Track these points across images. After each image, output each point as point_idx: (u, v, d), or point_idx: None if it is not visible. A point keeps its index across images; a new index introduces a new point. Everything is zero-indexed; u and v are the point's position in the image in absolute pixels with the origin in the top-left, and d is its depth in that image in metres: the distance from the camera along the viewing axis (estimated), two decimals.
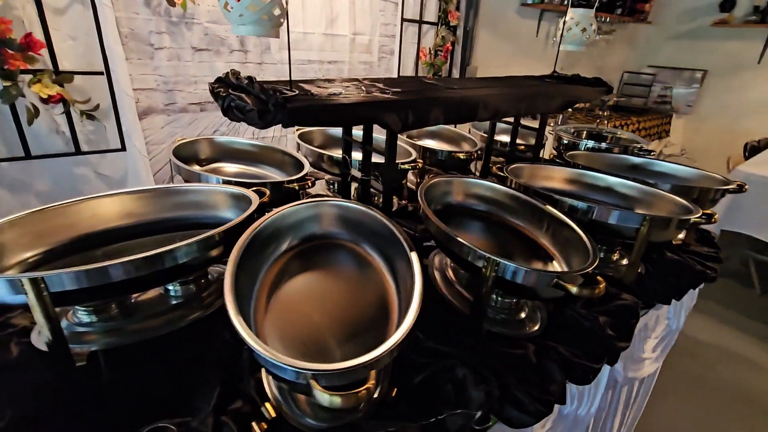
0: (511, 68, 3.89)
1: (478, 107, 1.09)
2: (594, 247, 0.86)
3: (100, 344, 0.80)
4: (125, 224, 0.95)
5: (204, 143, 1.40)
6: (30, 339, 0.81)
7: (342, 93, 0.91)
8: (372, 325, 0.75)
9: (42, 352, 0.78)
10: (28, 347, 0.79)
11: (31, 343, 0.80)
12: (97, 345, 0.79)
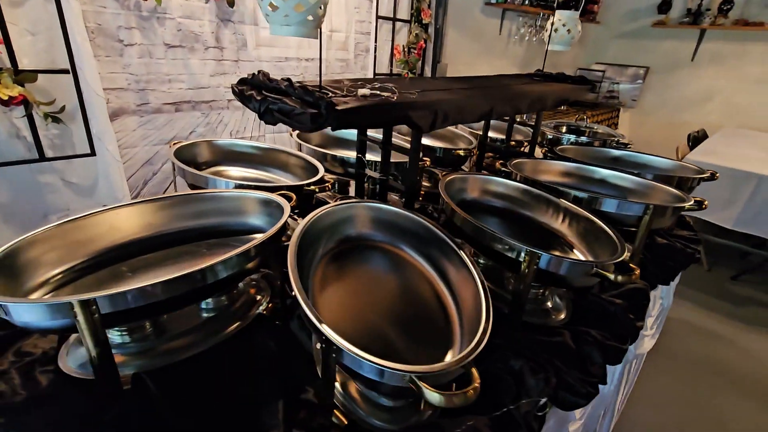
0: (478, 66, 4.02)
1: (497, 106, 1.13)
2: (618, 236, 0.92)
3: (138, 366, 0.75)
4: (147, 235, 0.89)
5: (203, 146, 1.33)
6: (57, 365, 0.74)
7: (374, 94, 0.90)
8: (431, 324, 0.77)
9: (75, 378, 0.72)
10: (57, 375, 0.73)
11: (59, 370, 0.74)
12: (133, 367, 0.74)
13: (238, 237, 0.96)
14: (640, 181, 1.33)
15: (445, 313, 0.78)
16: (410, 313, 0.80)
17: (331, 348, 0.57)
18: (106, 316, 0.62)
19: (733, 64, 4.43)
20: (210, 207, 0.95)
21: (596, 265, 0.81)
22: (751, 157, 3.04)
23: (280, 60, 2.45)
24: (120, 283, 0.80)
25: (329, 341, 0.56)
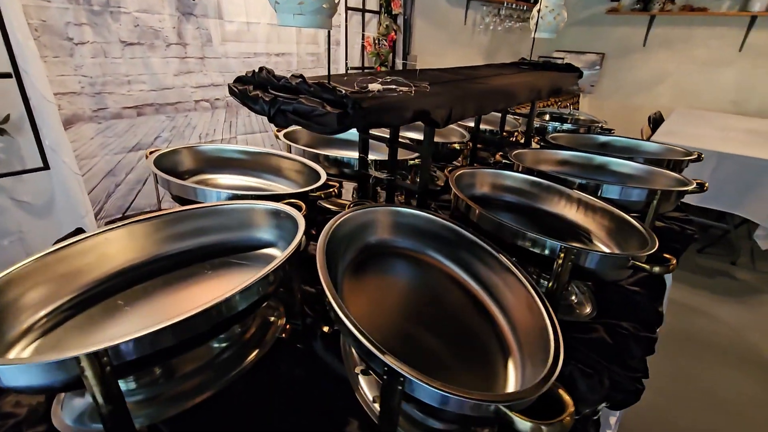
0: (445, 56, 4.00)
1: (505, 97, 1.08)
2: (645, 226, 0.91)
3: (149, 416, 0.64)
4: (142, 260, 0.78)
5: (184, 153, 1.20)
6: (51, 424, 0.62)
7: (388, 89, 0.83)
8: (477, 335, 0.71)
9: None
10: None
11: (54, 430, 0.62)
12: (143, 418, 0.64)
13: (243, 254, 0.86)
14: (638, 166, 1.34)
15: (490, 322, 0.73)
16: (452, 324, 0.74)
17: (396, 380, 0.50)
18: (118, 367, 0.52)
19: (680, 48, 4.68)
20: (210, 223, 0.84)
21: (632, 258, 0.79)
22: (707, 136, 3.21)
23: (249, 56, 2.30)
24: (118, 321, 0.69)
25: (395, 372, 0.49)
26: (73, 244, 0.70)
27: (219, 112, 2.27)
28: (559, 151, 1.43)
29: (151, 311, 0.72)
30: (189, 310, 0.55)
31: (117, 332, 0.65)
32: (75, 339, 0.64)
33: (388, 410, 0.53)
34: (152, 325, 0.52)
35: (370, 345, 0.51)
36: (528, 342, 0.64)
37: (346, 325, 0.54)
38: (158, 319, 0.64)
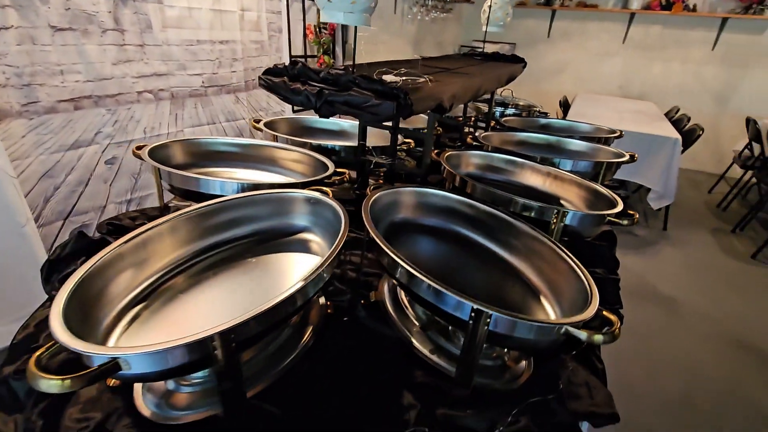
0: (379, 45, 4.10)
1: (484, 85, 1.22)
2: (610, 192, 1.12)
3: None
4: (189, 253, 0.78)
5: (176, 147, 1.17)
6: (137, 415, 0.63)
7: (405, 81, 0.92)
8: (510, 284, 0.85)
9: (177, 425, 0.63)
10: (143, 426, 0.62)
11: (143, 418, 0.63)
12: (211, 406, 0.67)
13: (277, 241, 0.90)
14: (583, 143, 1.59)
15: (516, 274, 0.87)
16: (487, 279, 0.87)
17: (484, 319, 0.61)
18: (238, 345, 0.56)
19: (577, 40, 5.32)
20: (247, 212, 0.87)
21: (607, 216, 0.99)
22: (606, 116, 3.76)
23: (192, 43, 2.18)
24: (184, 309, 0.70)
25: (482, 312, 0.60)
26: (128, 242, 0.69)
27: (164, 104, 2.13)
28: (518, 133, 1.63)
29: (210, 300, 0.74)
30: (283, 291, 0.59)
31: (189, 320, 0.68)
32: (158, 327, 0.65)
33: (473, 348, 0.64)
34: (257, 305, 0.56)
35: (453, 293, 0.62)
36: (555, 282, 0.79)
37: (423, 280, 0.64)
38: (218, 307, 0.68)
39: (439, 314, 0.72)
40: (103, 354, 0.48)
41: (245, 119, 2.61)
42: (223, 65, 2.37)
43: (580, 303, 0.70)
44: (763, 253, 3.15)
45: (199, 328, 0.63)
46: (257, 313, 0.55)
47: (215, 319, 0.52)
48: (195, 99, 2.28)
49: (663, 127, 3.51)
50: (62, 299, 0.55)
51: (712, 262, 3.09)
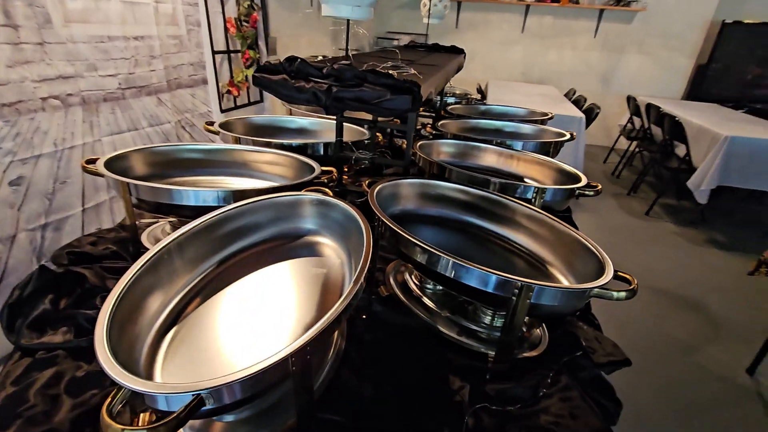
0: (300, 39, 3.98)
1: (446, 75, 1.27)
2: (571, 168, 1.24)
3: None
4: (209, 263, 0.71)
5: (135, 157, 1.04)
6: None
7: (400, 73, 0.92)
8: (516, 258, 0.91)
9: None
10: None
11: None
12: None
13: (287, 246, 0.86)
14: (536, 127, 1.74)
15: (520, 248, 0.94)
16: (495, 256, 0.92)
17: (527, 292, 0.66)
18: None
19: (483, 30, 5.70)
20: (249, 221, 0.81)
21: (578, 189, 1.11)
22: (520, 101, 4.10)
23: (102, 40, 1.92)
24: (218, 316, 0.64)
25: (526, 286, 0.65)
26: (153, 257, 0.61)
27: (74, 110, 1.85)
28: (468, 120, 1.72)
29: (238, 314, 0.69)
30: (339, 299, 0.58)
31: (229, 327, 0.63)
32: (195, 353, 0.59)
33: (516, 321, 0.68)
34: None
35: (492, 272, 0.65)
36: (559, 251, 0.87)
37: (464, 265, 0.67)
38: (252, 322, 0.65)
39: (474, 295, 0.76)
40: (185, 393, 0.43)
41: (171, 123, 2.38)
42: (140, 64, 2.12)
43: (591, 267, 0.78)
44: (654, 210, 3.73)
45: (241, 348, 0.60)
46: (326, 324, 0.53)
47: (253, 337, 0.49)
48: (111, 103, 2.01)
49: (567, 107, 3.94)
50: (103, 340, 0.47)
51: (617, 222, 3.57)
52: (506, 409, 0.68)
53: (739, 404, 1.83)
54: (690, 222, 3.58)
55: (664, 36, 5.14)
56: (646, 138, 4.40)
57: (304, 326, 0.67)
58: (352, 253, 0.79)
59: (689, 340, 2.21)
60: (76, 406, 0.63)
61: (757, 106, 4.83)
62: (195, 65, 2.54)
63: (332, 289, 0.76)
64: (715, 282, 2.74)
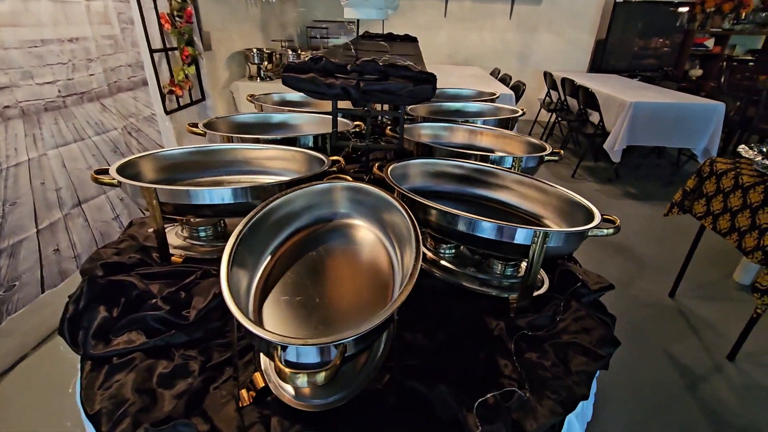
0: (231, 32, 3.84)
1: (418, 61, 1.40)
2: (537, 140, 1.44)
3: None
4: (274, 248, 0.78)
5: (143, 164, 1.04)
6: (279, 402, 0.66)
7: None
8: (513, 214, 1.08)
9: None
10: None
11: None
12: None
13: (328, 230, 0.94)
14: (492, 105, 1.93)
15: (515, 207, 1.11)
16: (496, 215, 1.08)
17: (543, 238, 0.82)
18: None
19: (410, 16, 5.88)
20: (290, 210, 0.88)
21: (543, 155, 1.31)
22: (453, 82, 4.36)
23: (35, 44, 1.76)
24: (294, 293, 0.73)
25: (546, 233, 0.81)
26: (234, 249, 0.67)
27: (14, 124, 1.69)
28: (432, 103, 1.87)
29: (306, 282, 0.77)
30: (399, 268, 0.70)
31: (307, 298, 0.72)
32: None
33: (536, 262, 0.84)
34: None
35: (518, 225, 0.81)
36: (548, 206, 1.05)
37: (484, 221, 0.81)
38: (320, 286, 0.75)
39: (499, 248, 0.91)
40: (338, 341, 0.52)
41: (117, 129, 2.24)
42: (78, 68, 1.97)
43: (579, 215, 0.97)
44: (578, 173, 4.23)
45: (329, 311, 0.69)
46: (408, 289, 0.64)
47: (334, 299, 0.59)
48: (53, 113, 1.86)
49: (496, 86, 4.27)
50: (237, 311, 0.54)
51: None
52: (537, 334, 0.85)
53: (666, 322, 2.24)
54: (608, 179, 4.12)
55: (568, 15, 5.71)
56: (563, 109, 4.91)
57: (374, 288, 0.77)
58: (386, 228, 0.90)
59: (622, 277, 2.62)
60: (177, 396, 0.68)
61: (646, 74, 5.60)
62: (133, 66, 2.39)
63: (379, 256, 0.86)
64: (635, 227, 3.23)
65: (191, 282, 0.89)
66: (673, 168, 4.30)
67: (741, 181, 1.84)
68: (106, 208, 2.21)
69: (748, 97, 4.36)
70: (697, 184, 2.11)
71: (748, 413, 1.70)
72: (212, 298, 0.83)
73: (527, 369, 0.75)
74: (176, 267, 0.94)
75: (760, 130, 4.10)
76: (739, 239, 1.82)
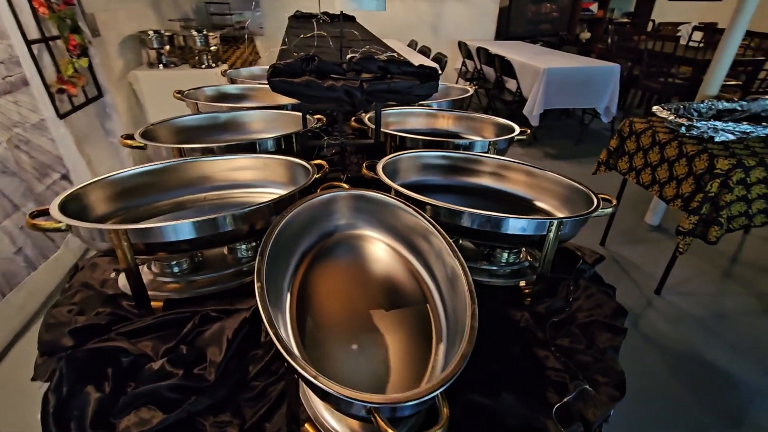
0: (118, 12, 3.30)
1: (381, 44, 1.32)
2: (501, 119, 1.46)
3: None
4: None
5: (90, 194, 0.84)
6: None
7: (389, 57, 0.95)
8: (508, 201, 1.09)
9: None
10: None
11: None
12: None
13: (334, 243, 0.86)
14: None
15: (511, 193, 1.12)
16: (493, 204, 1.08)
17: (558, 226, 0.84)
18: None
19: None
20: (309, 216, 0.79)
21: (514, 136, 1.33)
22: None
23: None
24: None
25: (555, 222, 0.83)
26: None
27: None
28: None
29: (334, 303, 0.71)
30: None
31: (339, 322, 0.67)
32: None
33: (551, 249, 0.86)
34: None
35: (534, 217, 0.82)
36: (536, 188, 1.08)
37: (500, 216, 0.81)
38: (349, 307, 0.71)
39: (512, 241, 0.91)
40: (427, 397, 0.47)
41: (2, 144, 1.82)
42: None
43: (568, 194, 1.00)
44: None
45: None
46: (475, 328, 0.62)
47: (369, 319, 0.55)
48: None
49: (420, 59, 4.27)
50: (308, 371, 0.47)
51: None
52: (560, 318, 0.88)
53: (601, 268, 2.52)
54: (528, 143, 4.43)
55: None
56: (480, 78, 5.11)
57: (411, 309, 0.73)
58: (396, 236, 0.85)
59: None
60: None
61: (545, 39, 6.02)
62: (6, 63, 1.94)
63: (400, 268, 0.81)
64: None
65: (191, 331, 0.76)
66: (580, 127, 4.74)
67: (658, 139, 2.08)
68: (4, 241, 1.82)
69: (632, 57, 4.93)
70: (619, 143, 2.35)
71: (682, 337, 2.01)
72: (227, 346, 0.72)
73: (566, 356, 0.78)
74: (164, 316, 0.79)
75: (645, 87, 4.68)
76: (660, 190, 2.08)
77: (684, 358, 1.89)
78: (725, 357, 1.90)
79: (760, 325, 2.08)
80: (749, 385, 1.76)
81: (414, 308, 0.73)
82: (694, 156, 1.88)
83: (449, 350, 0.63)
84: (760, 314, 2.16)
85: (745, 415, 1.64)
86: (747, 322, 2.11)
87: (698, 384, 1.77)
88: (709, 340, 1.99)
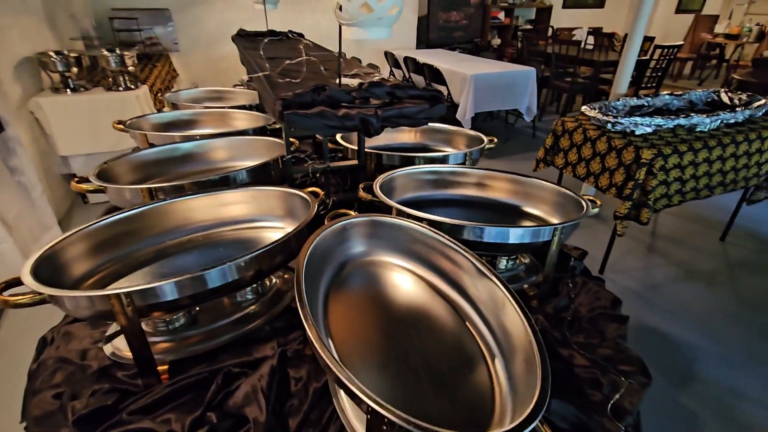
0: (9, 31, 2.87)
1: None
2: (479, 134, 1.51)
3: None
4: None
5: (66, 249, 0.72)
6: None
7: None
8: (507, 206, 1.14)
9: None
10: None
11: None
12: None
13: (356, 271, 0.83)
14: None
15: (495, 205, 1.16)
16: (490, 211, 1.12)
17: (560, 231, 0.89)
18: None
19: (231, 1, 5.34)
20: (327, 246, 0.75)
21: (485, 145, 1.40)
22: None
23: None
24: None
25: (557, 228, 0.89)
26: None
27: None
28: None
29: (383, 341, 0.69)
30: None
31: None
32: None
33: (554, 252, 0.92)
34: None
35: (539, 224, 0.87)
36: (521, 193, 1.14)
37: (508, 228, 0.85)
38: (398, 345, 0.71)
39: (516, 249, 0.95)
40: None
41: None
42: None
43: (563, 201, 1.08)
44: None
45: None
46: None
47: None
48: None
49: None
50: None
51: None
52: (569, 317, 0.93)
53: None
54: None
55: None
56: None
57: (444, 329, 0.72)
58: (413, 258, 0.85)
59: None
60: None
61: (463, 46, 6.40)
62: None
63: (421, 289, 0.81)
64: None
65: (217, 394, 0.69)
66: (506, 127, 5.09)
67: (588, 135, 2.31)
68: None
69: (541, 60, 5.42)
70: (554, 141, 2.56)
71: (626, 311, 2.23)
72: (266, 402, 0.66)
73: (588, 351, 0.83)
74: (178, 382, 0.70)
75: (555, 87, 5.17)
76: (595, 181, 2.30)
77: (630, 328, 2.12)
78: (665, 323, 2.15)
79: (687, 290, 2.40)
80: (690, 346, 2.01)
81: (456, 329, 0.73)
82: (622, 149, 2.12)
83: (510, 366, 0.64)
84: (683, 280, 2.49)
85: (694, 372, 1.88)
86: (675, 288, 2.41)
87: (647, 350, 1.99)
88: (649, 309, 2.25)
